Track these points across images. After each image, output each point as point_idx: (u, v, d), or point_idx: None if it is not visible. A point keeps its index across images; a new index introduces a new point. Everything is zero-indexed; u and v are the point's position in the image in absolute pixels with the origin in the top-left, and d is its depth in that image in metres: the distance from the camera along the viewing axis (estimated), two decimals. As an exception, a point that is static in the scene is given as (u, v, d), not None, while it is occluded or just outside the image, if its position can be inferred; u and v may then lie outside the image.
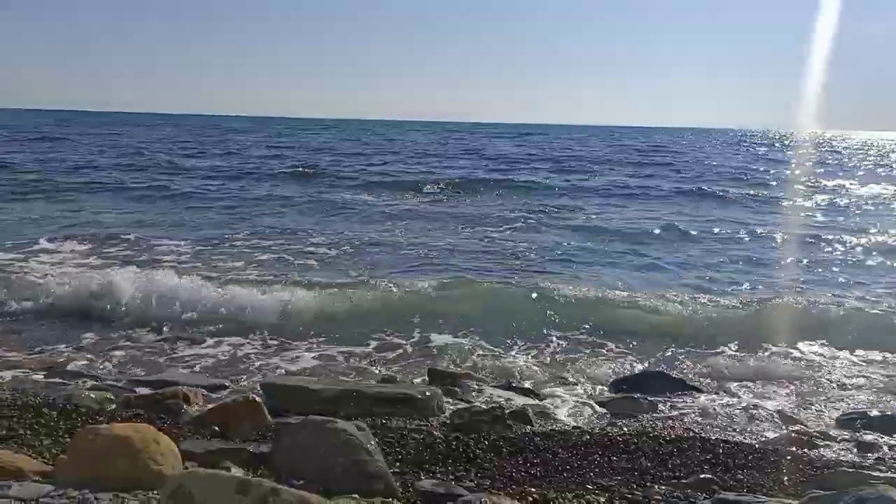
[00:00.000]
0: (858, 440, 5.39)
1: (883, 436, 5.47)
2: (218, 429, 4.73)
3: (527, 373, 7.08)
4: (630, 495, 3.90)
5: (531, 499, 3.69)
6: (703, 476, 4.32)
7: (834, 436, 5.49)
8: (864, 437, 5.45)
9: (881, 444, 5.34)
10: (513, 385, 6.53)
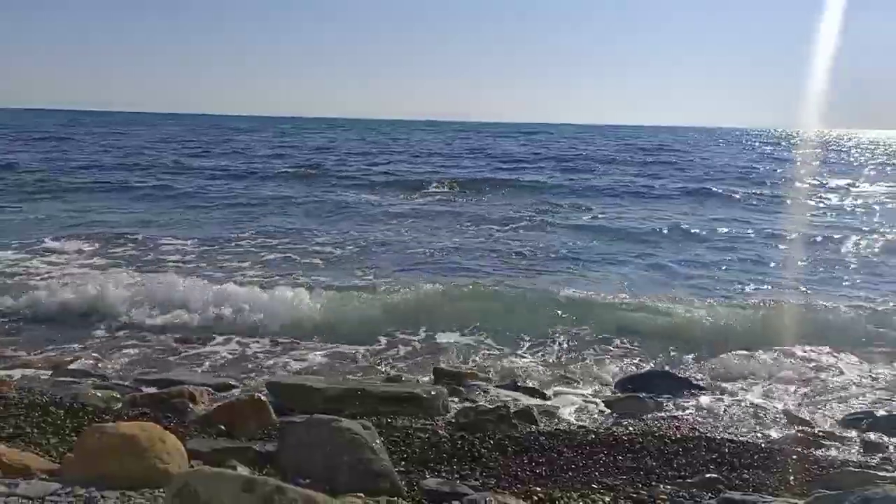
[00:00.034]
0: (864, 440, 5.38)
1: (889, 436, 5.46)
2: (224, 427, 4.75)
3: (532, 372, 7.08)
4: (635, 495, 3.90)
5: (536, 498, 3.69)
6: (708, 475, 4.32)
7: (839, 436, 5.48)
8: (869, 437, 5.44)
9: (887, 443, 5.34)
10: (518, 384, 6.54)
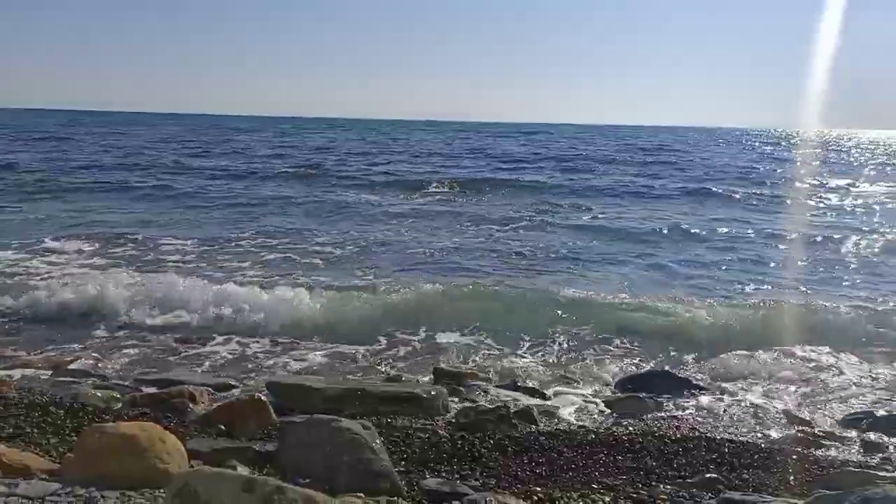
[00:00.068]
0: (864, 440, 5.38)
1: (889, 436, 5.46)
2: (224, 427, 4.75)
3: (532, 372, 7.08)
4: (635, 494, 3.90)
5: (536, 498, 3.69)
6: (708, 475, 4.32)
7: (840, 436, 5.48)
8: (869, 437, 5.44)
9: (887, 443, 5.33)
10: (518, 384, 6.54)
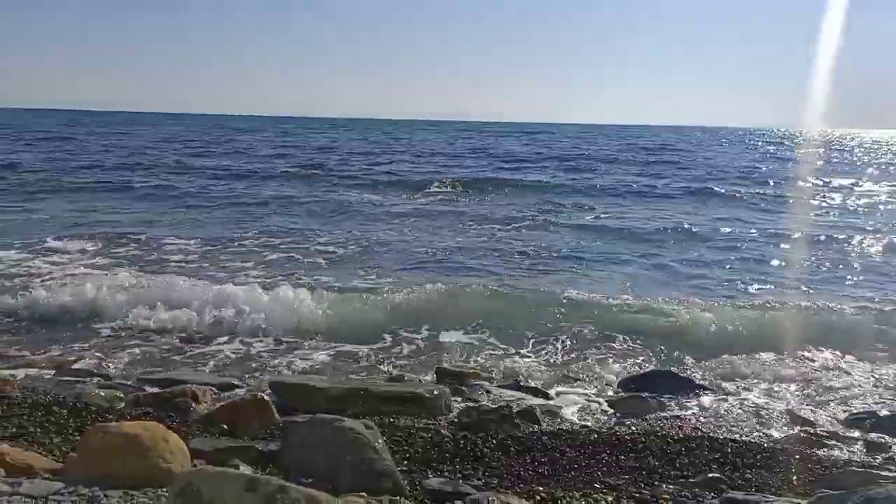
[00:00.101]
0: (867, 440, 5.37)
1: (892, 436, 5.44)
2: (226, 427, 4.76)
3: (534, 372, 7.08)
4: (638, 494, 3.90)
5: (539, 497, 3.69)
6: (711, 475, 4.32)
7: (843, 435, 5.47)
8: (873, 437, 5.43)
9: (890, 443, 5.32)
10: (520, 384, 6.53)
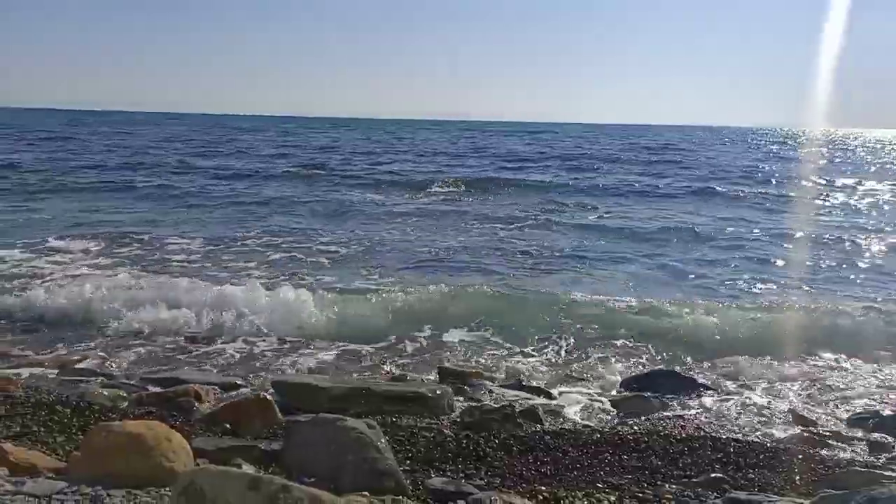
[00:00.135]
0: (870, 440, 5.35)
1: (895, 436, 5.43)
2: (229, 426, 4.76)
3: (537, 372, 7.08)
4: (640, 494, 3.90)
5: (541, 497, 3.69)
6: (713, 475, 4.31)
7: (846, 435, 5.46)
8: (876, 437, 5.41)
9: (893, 443, 5.30)
10: (523, 384, 6.53)
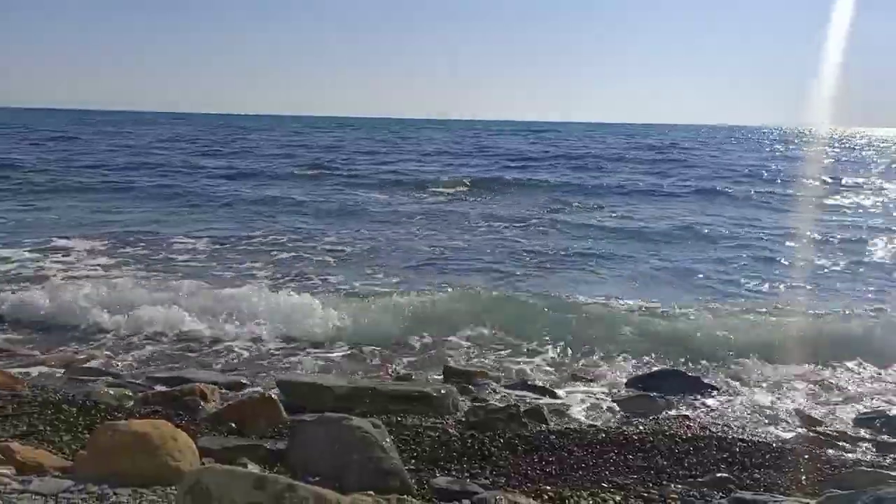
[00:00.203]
0: (877, 440, 5.34)
1: (902, 435, 5.41)
2: (235, 426, 4.77)
3: (542, 371, 7.07)
4: (646, 494, 3.89)
5: (546, 496, 3.69)
6: (719, 475, 4.30)
7: (852, 435, 5.44)
8: (882, 437, 5.40)
9: (900, 443, 5.28)
10: (528, 383, 6.53)
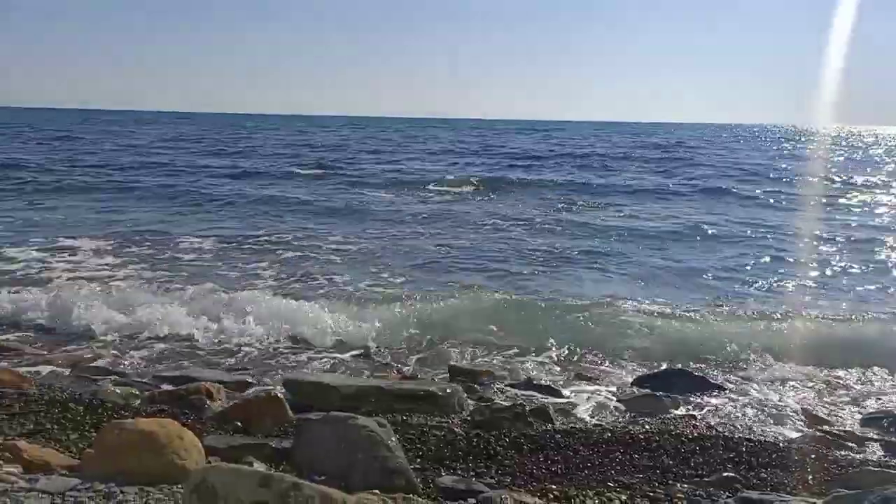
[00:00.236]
0: (884, 440, 5.31)
1: (910, 435, 5.39)
2: (240, 424, 4.78)
3: (548, 370, 7.07)
4: (652, 493, 3.88)
5: (552, 496, 3.69)
6: (725, 474, 4.29)
7: (859, 435, 5.42)
8: (890, 437, 5.37)
9: (908, 443, 5.26)
10: (533, 383, 6.52)
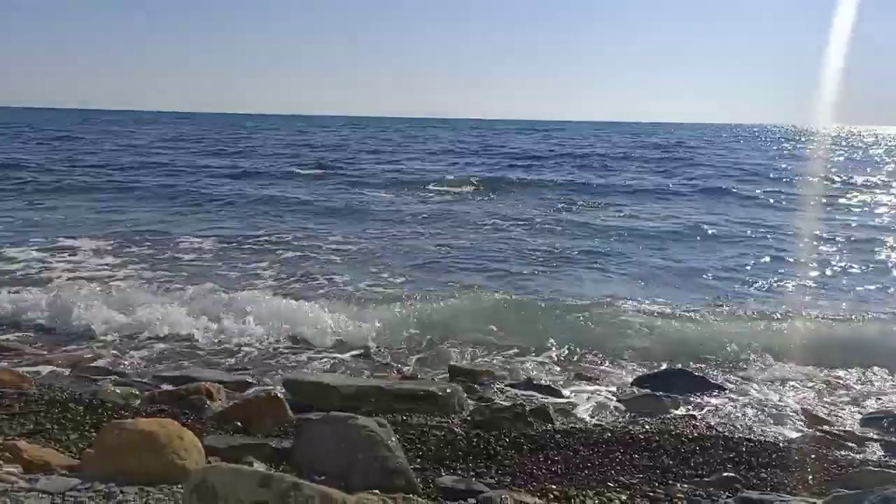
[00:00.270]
0: (884, 440, 5.31)
1: (910, 435, 5.39)
2: (240, 424, 4.78)
3: (548, 370, 7.07)
4: (652, 493, 3.88)
5: (552, 496, 3.69)
6: (725, 474, 4.29)
7: (859, 435, 5.42)
8: (890, 437, 5.37)
9: (908, 443, 5.26)
10: (533, 383, 6.52)
